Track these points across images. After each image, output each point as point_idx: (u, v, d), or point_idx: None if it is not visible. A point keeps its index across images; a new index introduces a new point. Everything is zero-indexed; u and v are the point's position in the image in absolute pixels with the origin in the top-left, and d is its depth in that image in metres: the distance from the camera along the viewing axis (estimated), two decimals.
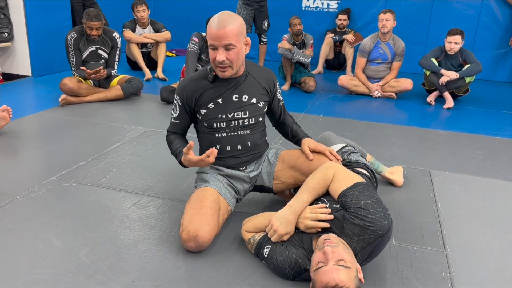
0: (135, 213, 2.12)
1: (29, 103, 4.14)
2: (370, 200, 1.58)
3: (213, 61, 1.78)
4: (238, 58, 1.78)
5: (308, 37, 4.92)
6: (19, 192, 2.28)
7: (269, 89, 2.00)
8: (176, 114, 1.97)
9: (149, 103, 4.11)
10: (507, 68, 5.91)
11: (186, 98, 1.90)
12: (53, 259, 1.74)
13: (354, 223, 1.54)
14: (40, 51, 5.00)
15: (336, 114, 4.01)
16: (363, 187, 1.64)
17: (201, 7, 6.83)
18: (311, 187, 1.74)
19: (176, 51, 6.90)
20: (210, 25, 1.73)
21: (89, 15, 3.91)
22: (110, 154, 2.83)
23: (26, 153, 2.83)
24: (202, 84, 1.89)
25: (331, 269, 1.39)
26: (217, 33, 1.70)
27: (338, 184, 1.68)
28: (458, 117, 4.10)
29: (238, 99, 1.90)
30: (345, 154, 2.13)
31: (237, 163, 1.99)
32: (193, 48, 3.90)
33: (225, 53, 1.74)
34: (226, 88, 1.89)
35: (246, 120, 1.93)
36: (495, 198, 2.44)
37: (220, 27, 1.70)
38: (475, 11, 5.79)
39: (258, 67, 2.01)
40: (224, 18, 1.72)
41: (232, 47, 1.73)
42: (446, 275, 1.75)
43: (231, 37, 1.71)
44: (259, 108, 1.96)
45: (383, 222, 1.53)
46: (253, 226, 1.82)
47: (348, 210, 1.59)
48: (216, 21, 1.72)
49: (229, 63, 1.77)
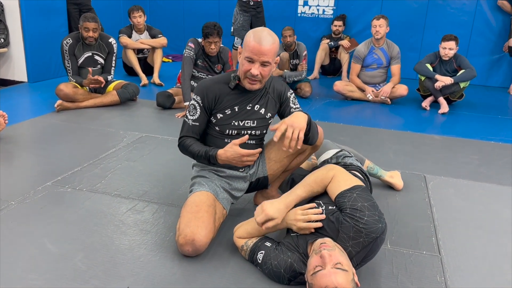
0: (130, 218, 2.12)
1: (25, 108, 4.13)
2: (366, 203, 1.59)
3: (245, 72, 1.83)
4: (268, 75, 1.87)
5: (301, 47, 4.89)
6: (14, 198, 2.27)
7: (279, 100, 2.03)
8: (196, 116, 1.94)
9: (145, 109, 4.11)
10: (501, 73, 5.96)
11: (207, 98, 1.91)
12: (48, 265, 1.73)
13: (348, 225, 1.55)
14: (36, 56, 5.00)
15: (331, 119, 4.03)
16: (362, 190, 1.66)
17: (197, 13, 6.86)
18: (307, 183, 1.76)
19: (172, 56, 6.91)
20: (253, 39, 1.77)
21: (85, 17, 3.95)
22: (105, 160, 2.83)
23: (21, 159, 2.83)
24: (223, 88, 1.93)
25: (329, 272, 1.39)
26: (260, 48, 1.76)
27: (337, 185, 1.69)
28: (453, 122, 4.13)
29: (251, 108, 1.95)
30: (339, 158, 2.15)
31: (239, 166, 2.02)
32: (189, 54, 3.91)
33: (260, 68, 1.80)
34: (244, 98, 1.94)
35: (254, 131, 1.98)
36: (490, 203, 2.45)
37: (263, 44, 1.76)
38: (469, 17, 5.84)
39: (272, 79, 2.04)
40: (267, 35, 1.78)
41: (268, 64, 1.82)
42: (441, 279, 1.75)
43: (270, 56, 1.79)
44: (265, 120, 2.01)
45: (377, 225, 1.53)
46: (245, 232, 1.82)
47: (343, 211, 1.59)
48: (260, 37, 1.77)
49: (261, 77, 1.84)
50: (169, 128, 3.54)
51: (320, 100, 4.76)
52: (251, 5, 5.19)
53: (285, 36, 4.78)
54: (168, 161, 2.84)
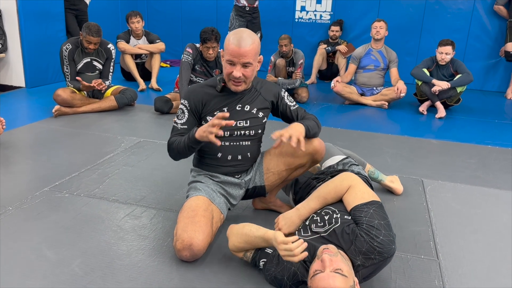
0: (128, 224, 2.11)
1: (23, 114, 4.12)
2: (383, 221, 1.59)
3: (228, 75, 1.85)
4: (252, 75, 1.87)
5: (298, 55, 4.86)
6: (11, 203, 2.26)
7: (273, 101, 2.03)
8: (184, 120, 1.94)
9: (143, 114, 4.11)
10: (498, 78, 5.99)
11: (194, 101, 1.93)
12: (46, 271, 1.73)
13: (363, 240, 1.55)
14: (34, 62, 4.99)
15: (329, 124, 4.04)
16: (378, 207, 1.66)
17: (195, 18, 6.88)
18: (321, 195, 1.79)
19: (170, 62, 6.92)
20: (231, 42, 1.78)
21: (90, 29, 3.87)
22: (103, 165, 2.83)
23: (19, 164, 2.82)
24: (209, 91, 1.94)
25: (327, 275, 1.39)
26: (238, 51, 1.77)
27: (354, 197, 1.70)
28: (450, 127, 4.14)
29: (241, 108, 1.96)
30: (346, 165, 2.13)
31: (235, 171, 2.03)
32: (187, 59, 3.92)
33: (242, 69, 1.81)
34: (233, 99, 1.95)
35: (247, 131, 1.98)
36: (487, 207, 2.46)
37: (242, 46, 1.77)
38: (466, 22, 5.88)
39: (264, 81, 2.06)
40: (245, 37, 1.79)
41: (249, 65, 1.82)
42: (439, 283, 1.75)
43: (250, 56, 1.79)
44: (259, 119, 2.00)
45: (391, 246, 1.54)
46: (235, 248, 1.75)
47: (360, 226, 1.60)
48: (237, 39, 1.78)
49: (244, 78, 1.84)
50: (167, 133, 3.50)
51: (317, 105, 4.77)
52: (247, 10, 5.24)
53: (281, 45, 4.79)
54: (166, 166, 2.84)
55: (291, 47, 4.85)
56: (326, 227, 1.67)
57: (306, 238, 1.69)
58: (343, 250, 1.58)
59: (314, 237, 1.67)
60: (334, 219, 1.68)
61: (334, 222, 1.67)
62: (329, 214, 1.72)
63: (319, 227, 1.69)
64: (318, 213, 1.77)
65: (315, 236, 1.68)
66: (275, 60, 4.85)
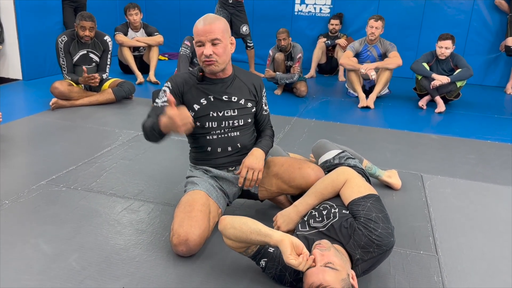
0: (126, 218, 2.10)
1: (20, 106, 4.09)
2: (381, 214, 1.59)
3: (200, 56, 1.83)
4: (224, 54, 1.83)
5: (296, 49, 4.80)
6: (7, 197, 2.25)
7: (256, 93, 2.02)
8: (165, 98, 1.88)
9: (141, 107, 4.09)
10: (498, 72, 5.96)
11: (176, 82, 1.91)
12: (42, 265, 1.72)
13: (361, 234, 1.54)
14: (31, 54, 4.96)
15: (328, 118, 4.02)
16: (376, 200, 1.66)
17: (193, 11, 6.83)
18: (318, 191, 1.79)
19: (168, 54, 6.89)
20: (196, 25, 1.81)
21: (82, 15, 3.90)
22: (101, 158, 2.81)
23: (15, 157, 2.80)
24: (192, 79, 1.94)
25: (317, 270, 1.39)
26: (204, 28, 1.78)
27: (351, 191, 1.70)
28: (450, 121, 4.12)
29: (228, 99, 1.93)
30: (342, 159, 2.12)
31: (226, 162, 1.99)
32: (185, 52, 3.89)
33: (212, 48, 1.80)
34: (216, 87, 1.92)
35: (236, 121, 1.95)
36: (487, 202, 2.45)
37: (206, 24, 1.79)
38: (466, 16, 5.84)
39: (245, 72, 2.05)
40: (210, 16, 1.83)
41: (219, 41, 1.80)
42: (438, 279, 1.75)
43: (218, 32, 1.79)
44: (248, 109, 1.98)
45: (390, 239, 1.54)
46: (238, 239, 1.61)
47: (357, 219, 1.59)
48: (202, 20, 1.82)
49: (216, 57, 1.81)
50: None
51: (316, 99, 4.75)
52: (230, 3, 5.25)
53: (280, 39, 4.75)
54: (164, 160, 2.82)
55: (289, 41, 4.81)
56: (324, 222, 1.67)
57: (305, 233, 1.68)
58: (342, 244, 1.57)
59: (312, 232, 1.67)
60: (332, 213, 1.68)
61: (332, 217, 1.66)
62: (327, 209, 1.71)
63: (317, 222, 1.69)
64: (316, 208, 1.77)
65: (314, 231, 1.67)
66: (274, 54, 4.82)
